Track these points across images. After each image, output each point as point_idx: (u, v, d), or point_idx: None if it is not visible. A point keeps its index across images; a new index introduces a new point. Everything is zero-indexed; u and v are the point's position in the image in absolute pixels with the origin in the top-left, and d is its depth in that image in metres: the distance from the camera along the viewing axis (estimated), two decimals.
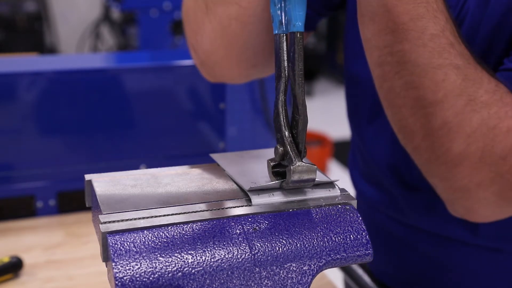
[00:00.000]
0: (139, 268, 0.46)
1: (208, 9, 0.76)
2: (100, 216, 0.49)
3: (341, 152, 3.44)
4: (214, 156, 0.62)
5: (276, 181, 0.54)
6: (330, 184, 0.56)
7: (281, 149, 0.54)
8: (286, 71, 0.57)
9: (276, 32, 0.58)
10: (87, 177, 0.57)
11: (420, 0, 0.63)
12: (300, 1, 0.58)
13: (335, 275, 1.06)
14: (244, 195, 0.54)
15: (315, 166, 0.53)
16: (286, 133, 0.55)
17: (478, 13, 0.68)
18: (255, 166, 0.59)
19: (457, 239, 0.81)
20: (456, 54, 0.63)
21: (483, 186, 0.65)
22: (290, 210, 0.53)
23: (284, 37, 0.58)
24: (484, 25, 0.67)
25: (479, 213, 0.69)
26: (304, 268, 0.50)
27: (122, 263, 0.46)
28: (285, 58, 0.57)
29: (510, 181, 0.65)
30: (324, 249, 0.51)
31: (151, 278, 0.46)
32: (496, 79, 0.65)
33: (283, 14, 0.59)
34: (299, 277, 0.50)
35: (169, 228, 0.49)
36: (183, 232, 0.49)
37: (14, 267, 0.85)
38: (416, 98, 0.65)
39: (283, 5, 0.59)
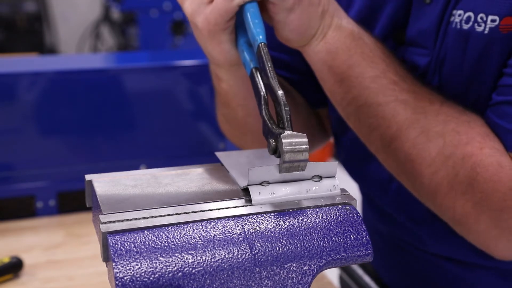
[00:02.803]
0: (139, 268, 0.46)
1: (228, 122, 0.87)
2: (100, 216, 0.49)
3: None
4: (219, 154, 0.62)
5: (272, 165, 0.54)
6: (332, 178, 0.55)
7: (273, 143, 0.55)
8: (264, 89, 0.60)
9: (249, 72, 0.63)
10: (88, 177, 0.57)
11: (354, 51, 0.69)
12: (255, 21, 0.63)
13: (335, 275, 1.06)
14: (245, 195, 0.54)
15: (305, 134, 0.54)
16: (273, 126, 0.56)
17: (458, 50, 0.70)
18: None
19: (475, 264, 0.80)
20: (401, 90, 0.68)
21: (471, 217, 0.66)
22: (290, 210, 0.53)
23: (256, 70, 0.62)
24: (467, 60, 0.69)
25: (494, 248, 0.69)
26: (304, 268, 0.50)
27: (122, 263, 0.46)
28: (262, 86, 0.60)
29: (493, 209, 0.65)
30: (324, 249, 0.51)
31: (151, 278, 0.46)
32: (455, 110, 0.68)
33: (250, 52, 0.64)
34: (299, 277, 0.50)
35: (170, 228, 0.49)
36: (183, 232, 0.49)
37: (14, 267, 0.85)
38: (379, 138, 0.70)
39: (247, 45, 0.65)
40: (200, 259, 0.48)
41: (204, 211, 0.51)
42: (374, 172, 0.84)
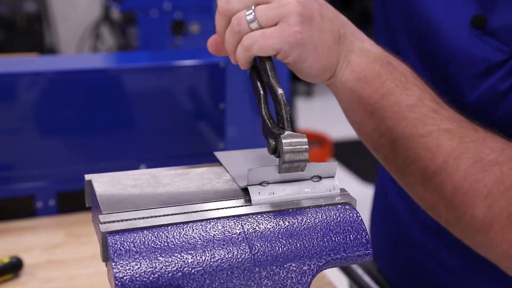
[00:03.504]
0: (139, 268, 0.46)
1: None
2: (100, 216, 0.49)
3: (341, 152, 3.43)
4: (218, 154, 0.62)
5: (271, 165, 0.54)
6: (332, 179, 0.56)
7: (273, 143, 0.55)
8: (263, 88, 0.60)
9: (248, 71, 0.62)
10: (87, 177, 0.57)
11: (386, 78, 0.64)
12: None
13: (335, 275, 1.06)
14: (244, 194, 0.54)
15: (305, 134, 0.54)
16: (273, 126, 0.56)
17: None
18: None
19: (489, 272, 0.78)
20: (442, 118, 0.63)
21: None
22: (290, 210, 0.53)
23: (255, 69, 0.61)
24: None
25: None
26: (304, 268, 0.51)
27: (122, 263, 0.46)
28: (262, 85, 0.60)
29: None
30: (324, 249, 0.51)
31: (151, 278, 0.46)
32: (503, 138, 0.63)
33: None
34: (299, 277, 0.50)
35: (169, 228, 0.49)
36: (183, 232, 0.49)
37: (14, 267, 0.85)
38: (420, 171, 0.64)
39: None
40: (199, 259, 0.48)
41: (203, 211, 0.52)
42: None
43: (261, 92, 0.60)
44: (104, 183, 0.56)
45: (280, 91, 0.57)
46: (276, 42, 0.59)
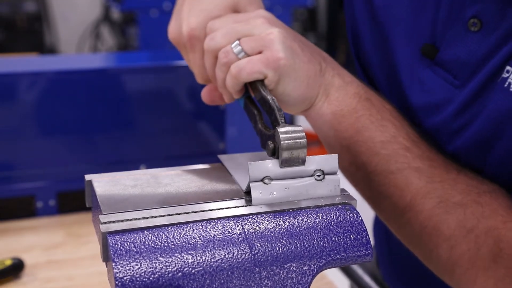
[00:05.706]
0: (139, 268, 0.46)
1: None
2: (100, 216, 0.49)
3: None
4: (221, 157, 0.63)
5: (272, 159, 0.54)
6: (335, 176, 0.56)
7: (271, 144, 0.55)
8: (256, 108, 0.62)
9: (242, 103, 0.65)
10: (87, 177, 0.57)
11: (362, 113, 0.65)
12: None
13: (335, 276, 1.06)
14: (245, 195, 0.54)
15: (301, 126, 0.54)
16: (269, 131, 0.57)
17: (507, 120, 0.62)
18: None
19: None
20: (414, 157, 0.63)
21: None
22: (290, 210, 0.53)
23: (248, 98, 0.64)
24: (508, 137, 0.62)
25: None
26: (304, 268, 0.51)
27: (122, 263, 0.46)
28: (253, 108, 0.62)
29: None
30: (324, 249, 0.51)
31: (151, 278, 0.46)
32: (474, 179, 0.63)
33: None
34: (299, 277, 0.50)
35: (169, 228, 0.49)
36: (183, 232, 0.49)
37: (15, 269, 0.85)
38: (391, 208, 0.65)
39: None
40: (200, 259, 0.48)
41: (204, 211, 0.52)
42: None
43: (255, 112, 0.61)
44: (104, 183, 0.56)
45: (271, 98, 0.59)
46: (261, 67, 0.61)
